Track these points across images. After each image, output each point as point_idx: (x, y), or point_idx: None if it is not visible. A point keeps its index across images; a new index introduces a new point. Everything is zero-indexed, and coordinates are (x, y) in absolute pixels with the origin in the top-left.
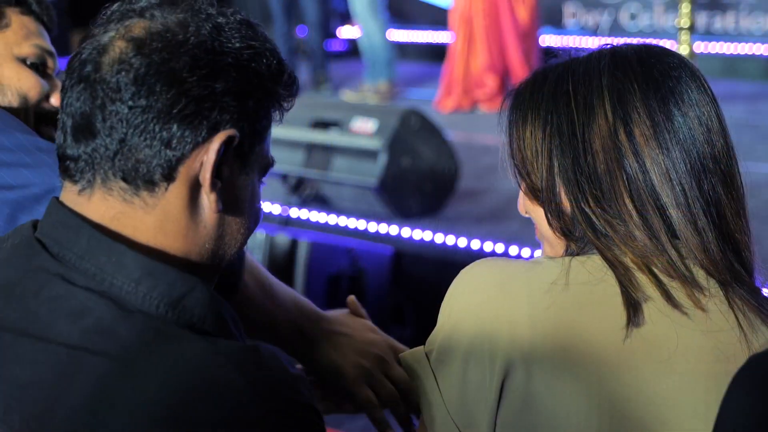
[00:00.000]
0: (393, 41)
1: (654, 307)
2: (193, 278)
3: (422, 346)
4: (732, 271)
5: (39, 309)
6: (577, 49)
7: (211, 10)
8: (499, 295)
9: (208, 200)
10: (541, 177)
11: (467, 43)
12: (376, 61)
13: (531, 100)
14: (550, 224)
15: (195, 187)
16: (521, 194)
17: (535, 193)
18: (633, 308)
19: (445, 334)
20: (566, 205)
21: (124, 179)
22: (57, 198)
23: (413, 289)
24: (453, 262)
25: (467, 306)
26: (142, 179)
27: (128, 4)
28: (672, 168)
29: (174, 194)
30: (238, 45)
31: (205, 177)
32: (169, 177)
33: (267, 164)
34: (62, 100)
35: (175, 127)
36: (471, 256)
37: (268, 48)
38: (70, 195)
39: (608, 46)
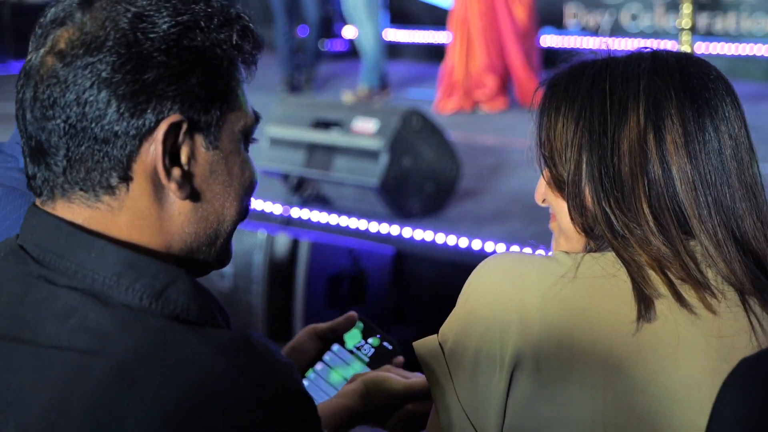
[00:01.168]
0: (388, 42)
1: (665, 304)
2: (176, 269)
3: (435, 336)
4: (755, 281)
5: (26, 314)
6: (615, 51)
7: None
8: (512, 287)
9: (176, 193)
10: (568, 170)
11: (465, 45)
12: (364, 64)
13: (566, 93)
14: (571, 218)
15: (157, 179)
16: (542, 182)
17: (559, 185)
18: (644, 303)
19: (459, 326)
20: (589, 202)
21: (82, 189)
22: (34, 204)
23: (414, 290)
24: (454, 263)
25: (481, 297)
26: (99, 185)
27: (54, 13)
28: (698, 179)
29: (137, 192)
30: (165, 26)
31: (158, 169)
32: (125, 177)
33: (247, 124)
34: (17, 124)
35: (115, 127)
36: (472, 257)
37: (204, 15)
38: (36, 203)
39: (648, 49)
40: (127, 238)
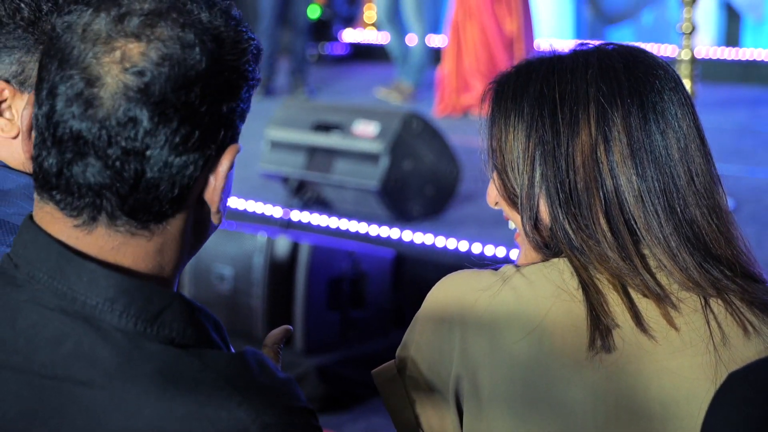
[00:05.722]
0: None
1: (625, 331)
2: (170, 292)
3: (393, 362)
4: (717, 283)
5: (17, 340)
6: (558, 51)
7: (204, 19)
8: (455, 309)
9: (214, 217)
10: (521, 184)
11: (456, 48)
12: (409, 63)
13: (514, 100)
14: (526, 234)
15: (200, 205)
16: (492, 186)
17: (512, 199)
18: (600, 333)
19: (413, 353)
20: (545, 218)
21: (134, 217)
22: (30, 216)
23: (414, 293)
24: (454, 266)
25: (426, 323)
26: (154, 214)
27: (114, 23)
28: (645, 190)
29: (180, 218)
30: (243, 58)
31: (214, 200)
32: (179, 206)
33: None
34: (49, 119)
35: (189, 157)
36: (472, 260)
37: (251, 40)
38: (59, 225)
39: (590, 46)
40: (150, 263)
